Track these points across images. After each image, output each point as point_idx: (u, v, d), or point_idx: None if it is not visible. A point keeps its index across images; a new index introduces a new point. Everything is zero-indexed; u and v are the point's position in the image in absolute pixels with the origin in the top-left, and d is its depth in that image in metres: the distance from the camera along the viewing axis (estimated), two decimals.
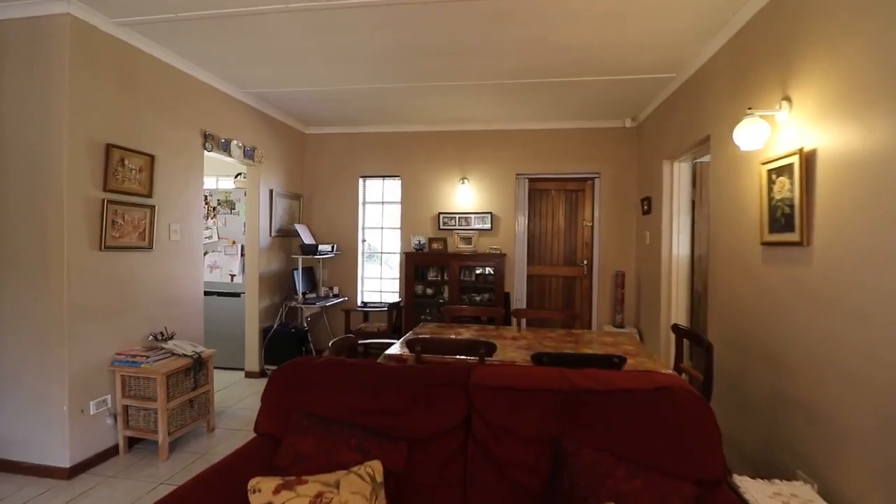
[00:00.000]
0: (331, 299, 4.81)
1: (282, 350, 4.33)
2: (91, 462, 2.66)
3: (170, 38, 2.92)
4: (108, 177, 2.74)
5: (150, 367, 2.75)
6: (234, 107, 3.93)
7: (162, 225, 3.16)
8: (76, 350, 2.59)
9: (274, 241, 4.59)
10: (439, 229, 4.96)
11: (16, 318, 2.61)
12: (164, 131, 3.16)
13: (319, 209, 5.22)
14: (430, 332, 2.99)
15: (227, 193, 4.64)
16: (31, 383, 2.60)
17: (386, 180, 5.24)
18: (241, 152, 3.97)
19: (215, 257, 4.65)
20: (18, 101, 2.55)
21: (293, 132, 4.95)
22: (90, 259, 2.66)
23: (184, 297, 3.38)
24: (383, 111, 4.50)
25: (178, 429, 2.89)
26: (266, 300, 4.49)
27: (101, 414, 2.75)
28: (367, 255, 5.32)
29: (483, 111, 4.46)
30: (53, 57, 2.51)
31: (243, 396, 3.89)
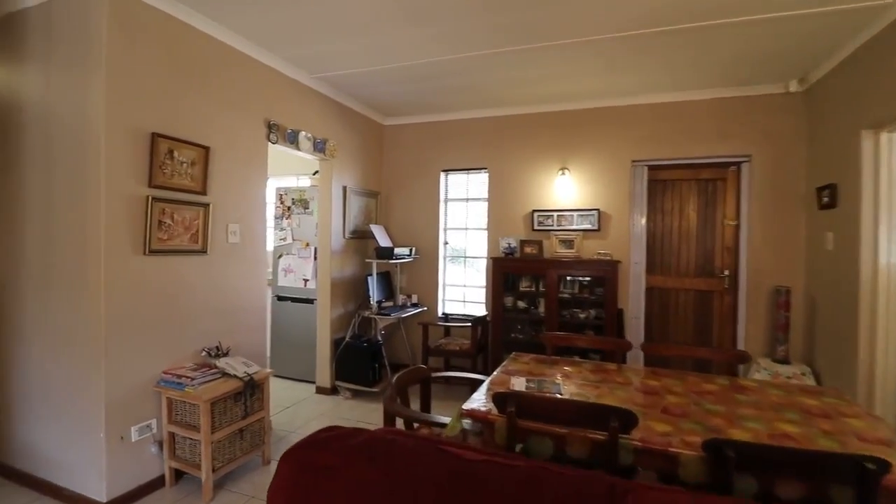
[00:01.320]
0: (408, 309, 4.26)
1: (354, 365, 3.86)
2: (131, 496, 2.33)
3: (223, 10, 2.53)
4: (153, 171, 2.40)
5: (193, 392, 2.35)
6: (303, 94, 3.53)
7: (218, 225, 2.80)
8: (116, 368, 2.27)
9: (348, 244, 4.16)
10: (533, 230, 4.16)
11: (56, 330, 2.37)
12: (221, 120, 2.80)
13: (397, 208, 4.71)
14: (527, 371, 2.22)
15: (302, 192, 4.31)
16: (70, 405, 2.33)
17: (470, 174, 4.56)
18: (311, 144, 3.55)
19: (289, 260, 4.35)
20: (63, 90, 2.30)
21: (370, 124, 4.49)
22: (133, 264, 2.33)
23: (244, 306, 3.01)
24: (467, 91, 3.82)
25: (224, 464, 2.48)
26: (338, 308, 4.06)
27: (145, 441, 2.42)
28: (449, 259, 4.69)
29: (589, 83, 3.58)
30: (91, 34, 2.20)
31: (309, 418, 3.47)
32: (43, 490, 2.38)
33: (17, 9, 2.42)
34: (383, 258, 4.01)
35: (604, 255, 3.84)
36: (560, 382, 2.02)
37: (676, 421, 1.59)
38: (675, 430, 1.51)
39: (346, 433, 1.12)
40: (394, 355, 4.62)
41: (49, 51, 2.34)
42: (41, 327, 2.41)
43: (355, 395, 3.92)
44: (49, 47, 2.34)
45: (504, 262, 4.04)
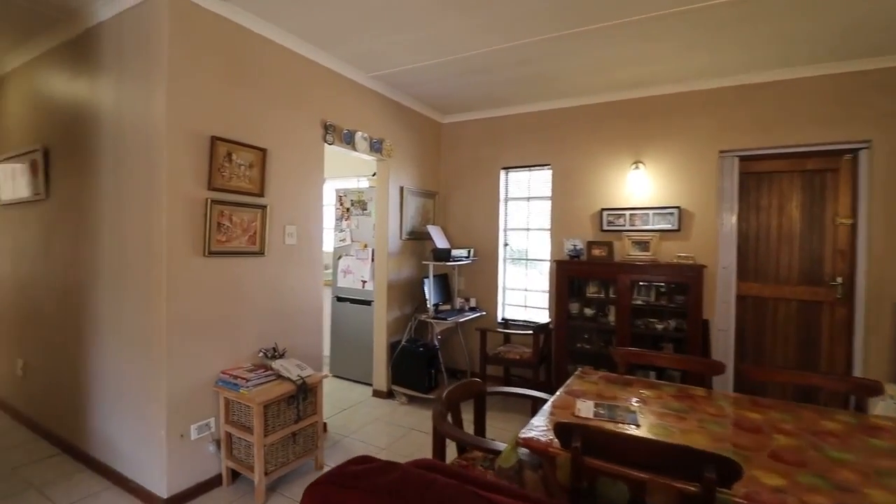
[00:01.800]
0: (466, 313, 4.09)
1: (410, 370, 3.76)
2: (190, 494, 2.37)
3: (277, 11, 2.52)
4: (212, 173, 2.43)
5: (247, 394, 2.35)
6: (360, 94, 3.48)
7: (275, 227, 2.80)
8: (178, 367, 2.32)
9: (405, 245, 4.07)
10: (602, 230, 3.81)
11: (125, 329, 2.47)
12: (278, 122, 2.80)
13: (456, 208, 4.55)
14: (596, 393, 1.95)
15: (360, 193, 4.29)
16: (137, 401, 2.42)
17: (532, 171, 4.29)
18: (367, 145, 3.50)
19: (348, 261, 4.36)
20: (131, 98, 2.40)
21: (428, 122, 4.37)
22: (193, 266, 2.37)
23: (300, 308, 3.01)
24: (528, 83, 3.57)
25: (277, 467, 2.46)
26: (395, 311, 3.98)
27: (204, 440, 2.46)
28: (509, 261, 4.46)
29: (670, 64, 3.18)
30: (154, 42, 2.27)
31: (365, 423, 3.41)
32: (113, 479, 2.50)
33: (93, 24, 2.57)
34: (440, 260, 3.87)
35: (685, 258, 3.41)
36: (636, 410, 1.73)
37: (791, 472, 1.27)
38: (790, 486, 1.19)
39: (379, 468, 0.96)
40: (451, 361, 4.47)
41: (120, 61, 2.45)
42: (114, 326, 2.53)
43: (411, 400, 3.81)
44: (120, 57, 2.45)
45: (569, 266, 3.73)
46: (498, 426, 3.33)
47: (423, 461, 1.06)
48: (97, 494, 2.40)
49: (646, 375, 3.38)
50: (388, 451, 2.97)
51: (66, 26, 2.71)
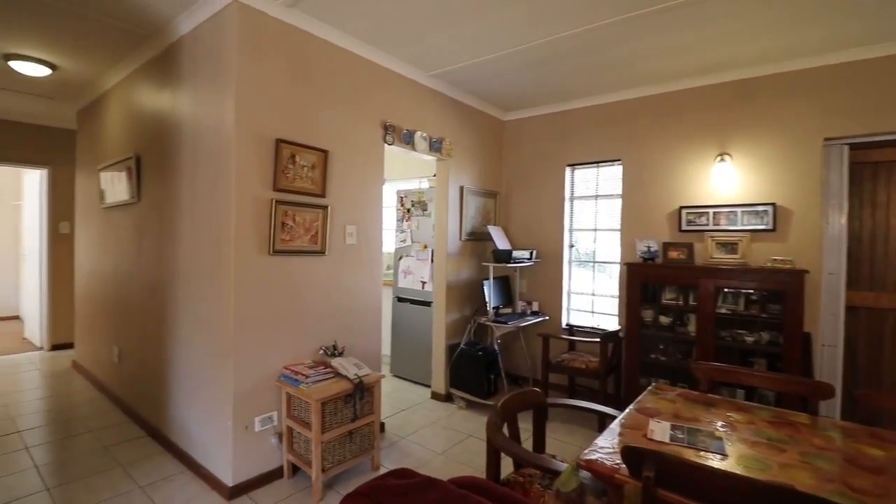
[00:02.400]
0: (528, 317, 3.92)
1: (468, 374, 3.67)
2: (253, 484, 2.46)
3: (338, 13, 2.55)
4: (277, 175, 2.51)
5: (307, 390, 2.39)
6: (419, 93, 3.46)
7: (336, 227, 2.85)
8: (244, 361, 2.42)
9: (464, 246, 3.99)
10: (681, 231, 3.46)
11: (198, 324, 2.62)
12: (340, 124, 2.84)
13: (517, 208, 4.39)
14: (672, 413, 1.73)
15: (420, 193, 4.28)
16: (207, 392, 2.56)
17: (601, 167, 4.02)
18: (427, 144, 3.47)
19: (408, 262, 4.36)
20: (205, 105, 2.54)
21: (489, 120, 4.27)
22: (258, 264, 2.46)
23: (359, 307, 3.03)
24: (598, 72, 3.34)
25: (334, 465, 2.47)
26: (454, 313, 3.91)
27: (267, 432, 2.54)
28: (575, 263, 4.22)
29: (764, 42, 2.81)
30: (225, 51, 2.38)
31: (422, 425, 3.37)
32: (187, 464, 2.67)
33: (174, 39, 2.77)
34: (501, 261, 3.74)
35: (782, 262, 2.99)
36: (722, 437, 1.50)
37: None
38: None
39: (419, 486, 0.87)
40: (511, 366, 4.31)
41: (196, 72, 2.62)
42: (189, 320, 2.70)
43: (469, 405, 3.72)
44: (195, 69, 2.62)
45: (642, 269, 3.43)
46: (560, 440, 3.14)
47: (469, 479, 0.96)
48: (172, 477, 2.57)
49: (732, 395, 3.02)
50: (444, 456, 2.90)
51: (153, 44, 2.95)
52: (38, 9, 2.58)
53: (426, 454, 2.93)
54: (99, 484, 2.48)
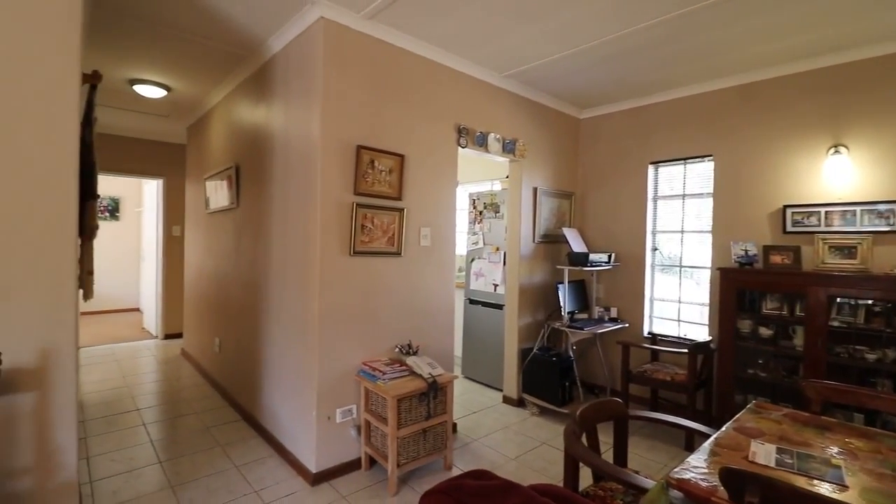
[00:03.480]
0: (606, 324, 3.74)
1: (541, 380, 3.58)
2: (334, 472, 2.59)
3: (414, 21, 2.62)
4: (357, 179, 2.64)
5: (384, 386, 2.48)
6: (493, 95, 3.45)
7: (411, 229, 2.93)
8: (327, 355, 2.56)
9: (538, 248, 3.91)
10: (785, 233, 3.11)
11: (288, 319, 2.82)
12: (415, 129, 2.92)
13: (594, 209, 4.21)
14: (778, 435, 1.55)
15: (493, 195, 4.27)
16: (295, 383, 2.74)
17: (688, 164, 3.74)
18: (500, 146, 3.45)
19: (480, 264, 4.36)
20: (295, 116, 2.74)
21: (564, 119, 4.14)
22: (341, 264, 2.60)
23: (433, 308, 3.08)
24: (684, 61, 3.11)
25: (409, 461, 2.53)
26: (527, 317, 3.84)
27: (347, 424, 2.67)
28: (658, 268, 3.95)
29: (884, 15, 2.44)
30: (311, 64, 2.55)
31: (494, 429, 3.34)
32: (276, 448, 2.88)
33: (268, 58, 3.02)
34: (577, 265, 3.61)
35: None
36: (841, 465, 1.31)
37: None
38: None
39: (498, 488, 0.86)
40: (587, 374, 4.14)
41: (286, 86, 2.83)
42: (279, 315, 2.92)
43: (543, 412, 3.62)
44: (286, 83, 2.83)
45: (738, 275, 3.13)
46: (641, 455, 2.95)
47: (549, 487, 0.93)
48: (264, 460, 2.78)
49: (849, 419, 2.65)
50: (516, 462, 2.85)
51: (249, 63, 3.24)
52: (158, 38, 2.95)
53: (498, 458, 2.90)
54: (201, 461, 2.76)
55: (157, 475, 2.59)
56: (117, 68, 3.48)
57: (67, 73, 1.75)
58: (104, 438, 3.04)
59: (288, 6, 2.49)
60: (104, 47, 3.10)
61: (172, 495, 2.39)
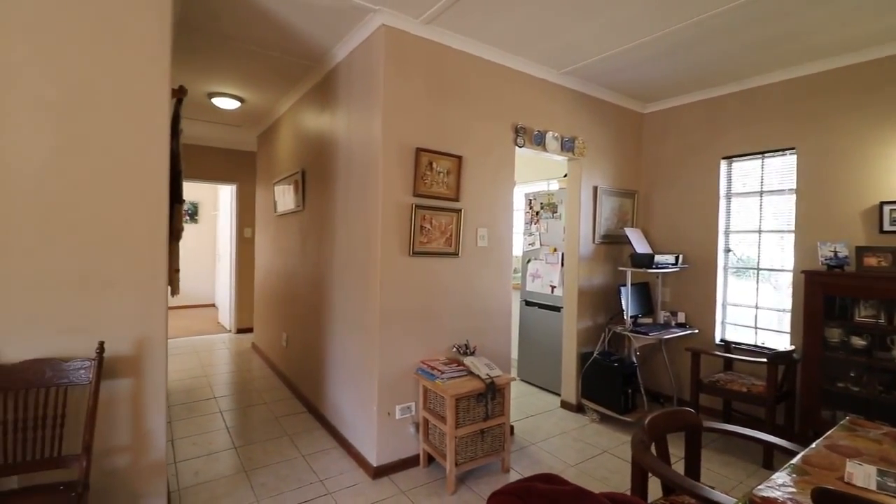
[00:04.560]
0: (672, 329, 3.54)
1: (602, 386, 3.46)
2: (394, 467, 2.65)
3: (473, 23, 2.63)
4: (416, 181, 2.69)
5: (442, 385, 2.50)
6: (550, 93, 3.38)
7: (469, 230, 2.94)
8: (387, 352, 2.63)
9: (598, 249, 3.78)
10: (882, 232, 2.79)
11: (350, 316, 2.93)
12: (472, 129, 2.93)
13: (659, 208, 4.01)
14: (878, 455, 1.39)
15: (550, 195, 4.18)
16: (356, 378, 2.84)
17: (766, 158, 3.45)
18: (558, 144, 3.38)
19: (537, 265, 4.29)
20: (357, 121, 2.84)
21: (626, 114, 3.98)
22: (400, 264, 2.66)
23: (490, 308, 3.08)
24: (762, 47, 2.89)
25: (467, 461, 2.54)
26: (586, 320, 3.73)
27: (406, 420, 2.72)
28: (731, 270, 3.69)
29: None
30: (373, 70, 2.63)
31: (552, 434, 3.27)
32: (338, 440, 3.00)
33: (332, 66, 3.15)
34: (640, 266, 3.45)
35: None
36: None
37: None
38: None
39: (570, 494, 0.85)
40: (652, 382, 3.95)
41: (349, 93, 2.94)
42: (342, 313, 3.04)
43: (603, 419, 3.50)
44: (349, 90, 2.94)
45: (827, 279, 2.85)
46: (713, 470, 2.77)
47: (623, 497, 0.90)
48: (328, 451, 2.91)
49: None
50: (576, 469, 2.77)
51: (315, 72, 3.41)
52: (234, 53, 3.17)
53: (557, 464, 2.83)
54: (271, 448, 2.93)
55: (232, 459, 2.79)
56: (198, 83, 3.78)
57: (159, 89, 1.93)
58: (186, 423, 3.31)
59: (352, 16, 2.59)
60: (187, 63, 3.38)
61: (246, 479, 2.56)
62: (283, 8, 2.53)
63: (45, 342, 1.74)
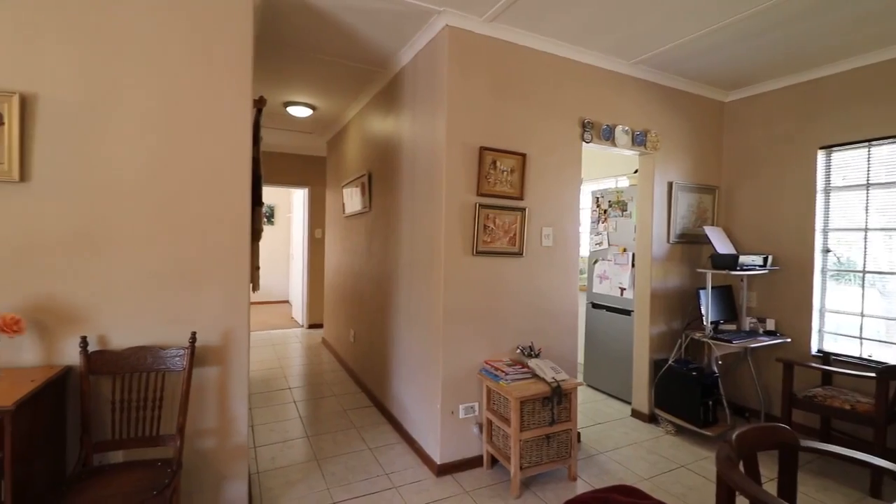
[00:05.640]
0: (760, 337, 3.23)
1: (678, 396, 3.23)
2: (457, 466, 2.66)
3: (539, 18, 2.57)
4: (480, 180, 2.68)
5: (506, 386, 2.47)
6: (619, 84, 3.22)
7: (533, 229, 2.88)
8: (451, 351, 2.64)
9: (673, 250, 3.54)
10: None
11: (414, 314, 2.97)
12: (536, 126, 2.87)
13: (744, 205, 3.68)
14: None
15: (619, 193, 3.99)
16: (420, 375, 2.88)
17: (873, 147, 3.05)
18: (629, 138, 3.21)
19: (605, 266, 4.11)
20: (421, 123, 2.88)
21: (705, 103, 3.69)
22: (463, 264, 2.66)
23: (556, 310, 2.99)
24: (871, 21, 2.55)
25: (531, 465, 2.48)
26: (660, 325, 3.51)
27: (469, 420, 2.72)
28: (830, 274, 3.29)
29: None
30: (438, 71, 2.66)
31: (621, 443, 3.11)
32: (403, 436, 3.06)
33: (397, 71, 3.23)
34: (722, 268, 3.19)
35: None
36: None
37: None
38: None
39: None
40: (735, 395, 3.63)
41: (414, 95, 2.99)
42: (407, 311, 3.10)
43: (679, 431, 3.27)
44: (414, 92, 2.99)
45: None
46: (809, 495, 2.49)
47: None
48: (393, 445, 2.97)
49: None
50: (650, 483, 2.61)
51: (381, 78, 3.51)
52: (307, 63, 3.35)
53: (628, 476, 2.69)
54: (340, 439, 3.05)
55: (305, 447, 2.94)
56: (274, 93, 4.04)
57: (242, 101, 2.08)
58: (263, 411, 3.54)
59: (417, 20, 2.63)
60: (264, 76, 3.62)
61: (318, 467, 2.69)
62: (352, 17, 2.63)
63: (146, 332, 1.94)
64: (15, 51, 1.74)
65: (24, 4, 1.74)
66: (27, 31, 1.75)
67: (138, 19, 1.90)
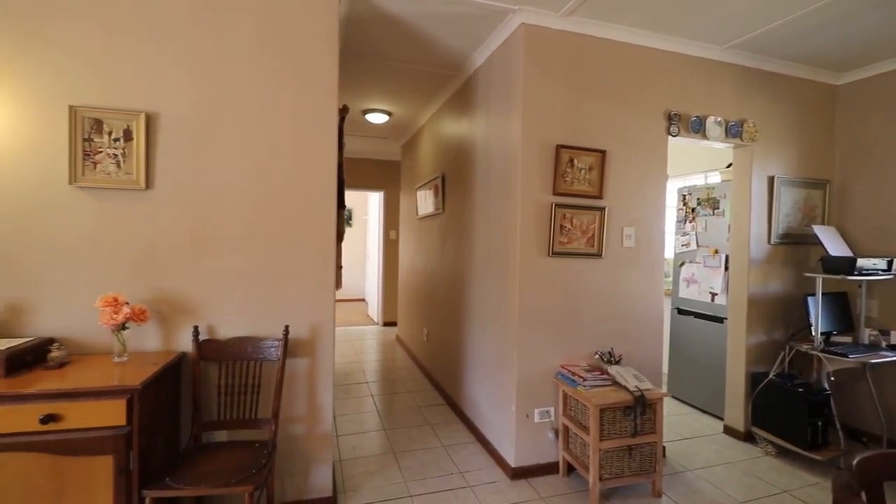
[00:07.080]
0: (882, 352, 2.81)
1: (781, 413, 2.91)
2: (531, 471, 2.61)
3: (620, 9, 2.45)
4: (556, 179, 2.61)
5: (584, 392, 2.39)
6: (710, 72, 2.97)
7: (613, 229, 2.75)
8: (526, 353, 2.61)
9: (774, 252, 3.20)
10: None
11: (488, 314, 2.97)
12: (617, 121, 2.74)
13: (862, 200, 3.22)
14: None
15: (710, 189, 3.68)
16: (494, 376, 2.87)
17: None
18: (722, 130, 2.95)
19: (693, 269, 3.82)
20: (496, 123, 2.88)
21: (812, 88, 3.29)
22: (539, 264, 2.61)
23: (639, 314, 2.83)
24: None
25: (611, 477, 2.37)
26: (759, 334, 3.18)
27: (544, 425, 2.66)
28: None
29: None
30: (512, 70, 2.63)
31: (712, 462, 2.86)
32: (476, 436, 3.07)
33: (471, 73, 3.25)
34: (835, 272, 2.82)
35: None
36: None
37: None
38: None
39: None
40: (850, 416, 3.19)
41: (488, 96, 2.99)
42: (480, 311, 3.10)
43: (781, 452, 2.94)
44: (488, 93, 2.99)
45: None
46: None
47: None
48: (466, 444, 2.99)
49: None
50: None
51: (455, 81, 3.55)
52: (385, 70, 3.48)
53: (721, 497, 2.47)
54: (415, 435, 3.13)
55: (382, 440, 3.05)
56: (354, 101, 4.25)
57: (329, 111, 2.22)
58: (344, 402, 3.74)
59: (492, 20, 2.63)
60: (345, 83, 3.82)
61: (394, 460, 2.78)
62: (427, 23, 2.69)
63: (247, 324, 2.13)
64: (141, 74, 1.99)
65: (145, 32, 2.00)
66: (149, 56, 2.00)
67: (239, 42, 2.10)
